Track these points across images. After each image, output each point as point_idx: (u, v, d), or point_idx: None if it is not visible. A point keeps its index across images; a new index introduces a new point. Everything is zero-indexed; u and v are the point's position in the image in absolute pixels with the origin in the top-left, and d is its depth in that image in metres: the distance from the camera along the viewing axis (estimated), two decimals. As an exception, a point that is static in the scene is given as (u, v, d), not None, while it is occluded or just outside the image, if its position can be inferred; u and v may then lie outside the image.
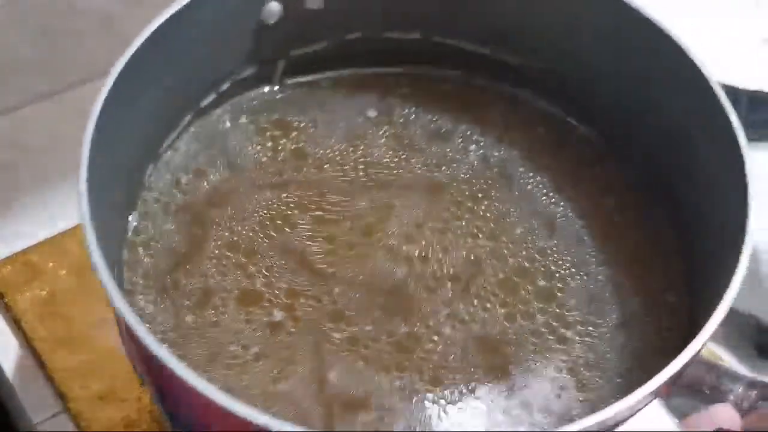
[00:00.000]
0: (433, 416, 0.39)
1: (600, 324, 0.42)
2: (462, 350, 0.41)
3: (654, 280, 0.43)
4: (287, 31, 0.47)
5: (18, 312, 0.55)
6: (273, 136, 0.48)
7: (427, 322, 0.41)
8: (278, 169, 0.46)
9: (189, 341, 0.40)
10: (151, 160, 0.46)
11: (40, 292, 0.56)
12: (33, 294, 0.56)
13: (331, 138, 0.48)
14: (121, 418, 0.50)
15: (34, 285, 0.56)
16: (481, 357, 0.40)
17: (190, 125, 0.47)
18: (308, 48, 0.49)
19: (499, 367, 0.40)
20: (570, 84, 0.48)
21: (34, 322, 0.55)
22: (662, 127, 0.44)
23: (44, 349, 0.53)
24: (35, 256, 0.58)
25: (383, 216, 0.45)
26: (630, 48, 0.44)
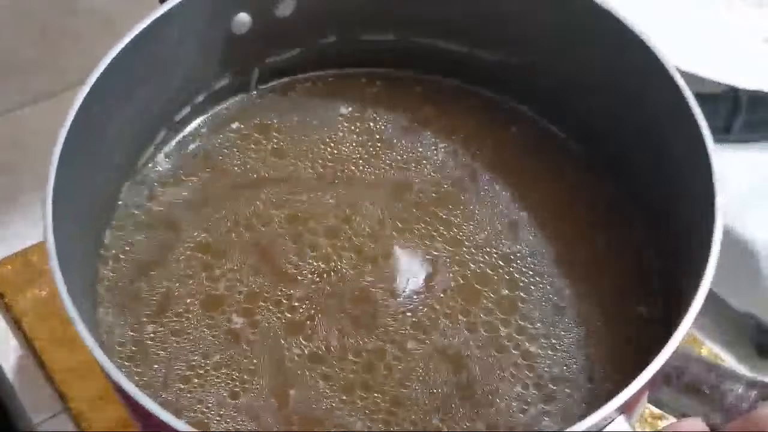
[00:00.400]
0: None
1: (563, 336, 0.41)
2: (425, 366, 0.40)
3: (620, 287, 0.43)
4: (259, 40, 0.47)
5: (18, 312, 0.55)
6: (251, 138, 0.48)
7: (391, 335, 0.41)
8: (255, 168, 0.47)
9: (147, 354, 0.40)
10: (126, 176, 0.46)
11: (40, 292, 0.56)
12: (33, 294, 0.56)
13: (305, 136, 0.48)
14: (120, 418, 0.50)
15: (34, 285, 0.56)
16: (444, 375, 0.40)
17: (167, 139, 0.47)
18: (282, 55, 0.49)
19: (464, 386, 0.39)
20: (543, 86, 0.47)
21: (34, 322, 0.55)
22: (633, 129, 0.44)
23: (44, 349, 0.53)
24: (35, 256, 0.58)
25: (349, 214, 0.45)
26: (603, 51, 0.44)
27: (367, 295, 0.42)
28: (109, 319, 0.41)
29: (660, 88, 0.41)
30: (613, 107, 0.45)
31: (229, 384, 0.39)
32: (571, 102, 0.47)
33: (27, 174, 0.64)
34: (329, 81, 0.50)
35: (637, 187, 0.44)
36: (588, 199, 0.46)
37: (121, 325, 0.41)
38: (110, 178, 0.44)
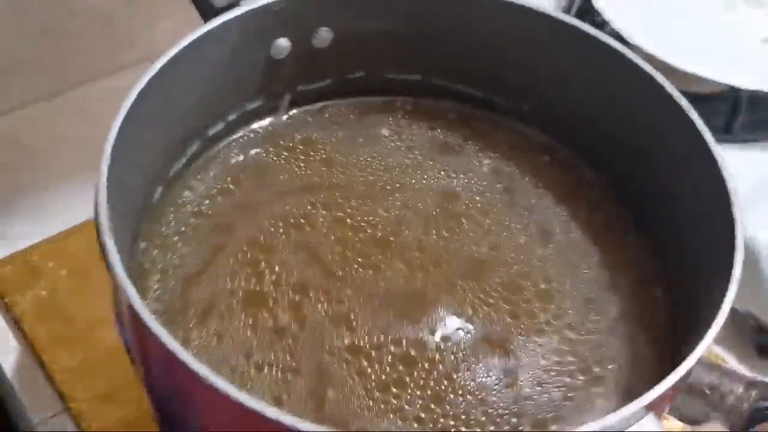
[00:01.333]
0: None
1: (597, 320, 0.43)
2: (468, 354, 0.41)
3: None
4: (294, 67, 0.48)
5: (18, 312, 0.55)
6: (298, 150, 0.49)
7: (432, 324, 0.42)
8: (304, 176, 0.48)
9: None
10: (160, 183, 0.46)
11: (40, 292, 0.56)
12: (33, 294, 0.56)
13: (352, 148, 0.49)
14: (121, 418, 0.50)
15: (34, 285, 0.56)
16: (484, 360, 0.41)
17: (202, 152, 0.48)
18: (313, 84, 0.50)
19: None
20: (560, 124, 0.50)
21: (34, 322, 0.55)
22: (642, 152, 0.46)
23: (44, 349, 0.53)
24: (35, 256, 0.58)
25: (400, 220, 0.46)
26: (612, 86, 0.46)
27: (417, 292, 0.43)
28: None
29: (675, 127, 0.43)
30: (632, 151, 0.47)
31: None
32: (587, 137, 0.49)
33: (27, 174, 0.64)
34: (359, 106, 0.52)
35: (652, 207, 0.46)
36: (607, 215, 0.48)
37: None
38: (145, 185, 0.45)
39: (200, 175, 0.48)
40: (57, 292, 0.56)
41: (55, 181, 0.63)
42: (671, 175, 0.44)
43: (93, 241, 0.36)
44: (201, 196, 0.47)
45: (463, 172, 0.49)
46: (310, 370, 0.40)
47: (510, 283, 0.44)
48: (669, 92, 0.42)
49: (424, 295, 0.43)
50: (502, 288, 0.44)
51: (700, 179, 0.41)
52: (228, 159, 0.48)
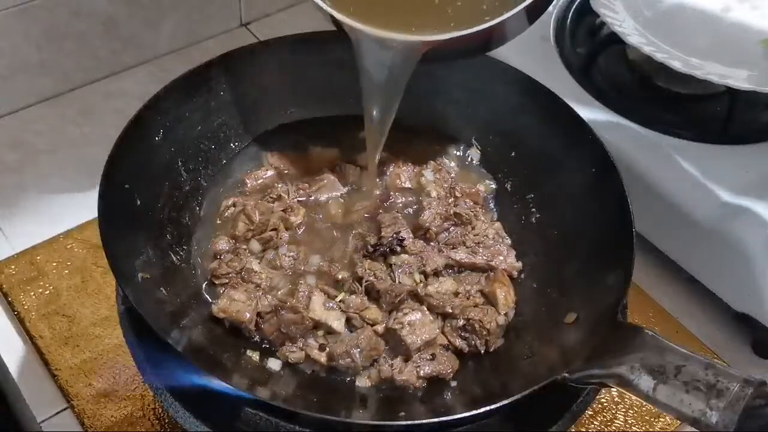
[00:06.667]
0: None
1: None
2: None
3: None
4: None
5: (22, 311, 0.55)
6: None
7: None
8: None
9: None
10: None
11: (43, 291, 0.56)
12: (37, 293, 0.56)
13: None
14: (124, 416, 0.51)
15: (37, 284, 0.57)
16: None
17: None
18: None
19: None
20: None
21: (37, 320, 0.55)
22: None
23: (48, 348, 0.54)
24: (39, 255, 0.58)
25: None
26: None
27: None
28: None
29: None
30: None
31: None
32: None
33: (31, 174, 0.64)
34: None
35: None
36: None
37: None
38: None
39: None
40: (60, 291, 0.56)
41: (59, 182, 0.63)
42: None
43: (96, 241, 0.36)
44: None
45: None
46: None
47: None
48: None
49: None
50: None
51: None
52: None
